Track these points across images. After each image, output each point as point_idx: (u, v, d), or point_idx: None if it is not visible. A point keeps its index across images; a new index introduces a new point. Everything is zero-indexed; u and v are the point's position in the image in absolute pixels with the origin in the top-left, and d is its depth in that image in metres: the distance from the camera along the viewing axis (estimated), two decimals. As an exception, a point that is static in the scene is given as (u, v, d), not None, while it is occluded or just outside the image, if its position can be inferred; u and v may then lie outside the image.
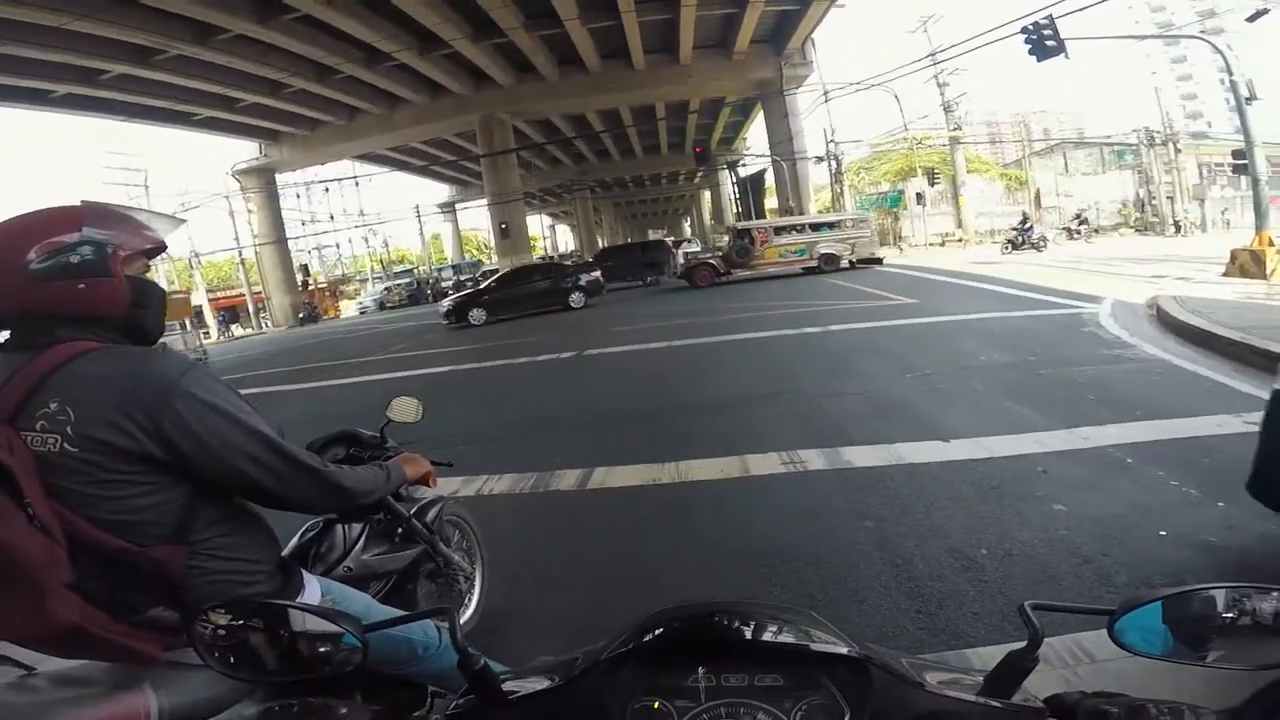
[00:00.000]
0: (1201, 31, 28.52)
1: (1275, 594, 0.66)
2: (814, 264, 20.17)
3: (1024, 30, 16.23)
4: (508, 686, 0.75)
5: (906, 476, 3.64)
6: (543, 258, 40.36)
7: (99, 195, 29.55)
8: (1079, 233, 24.13)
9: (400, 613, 1.26)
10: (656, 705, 0.67)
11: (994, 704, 0.67)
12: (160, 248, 1.21)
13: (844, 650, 0.68)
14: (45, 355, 1.04)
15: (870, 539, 2.97)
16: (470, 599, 2.34)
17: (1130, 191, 34.81)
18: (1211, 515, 2.86)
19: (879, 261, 20.67)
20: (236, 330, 35.56)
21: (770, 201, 37.72)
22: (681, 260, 22.97)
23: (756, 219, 39.12)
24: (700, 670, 0.68)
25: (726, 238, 23.34)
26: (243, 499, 1.19)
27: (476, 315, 17.51)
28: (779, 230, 21.46)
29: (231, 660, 0.81)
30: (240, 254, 36.91)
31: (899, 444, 4.13)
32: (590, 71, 26.43)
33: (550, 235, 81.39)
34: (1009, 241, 21.86)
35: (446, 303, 19.10)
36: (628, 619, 0.78)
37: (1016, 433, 4.10)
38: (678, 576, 2.85)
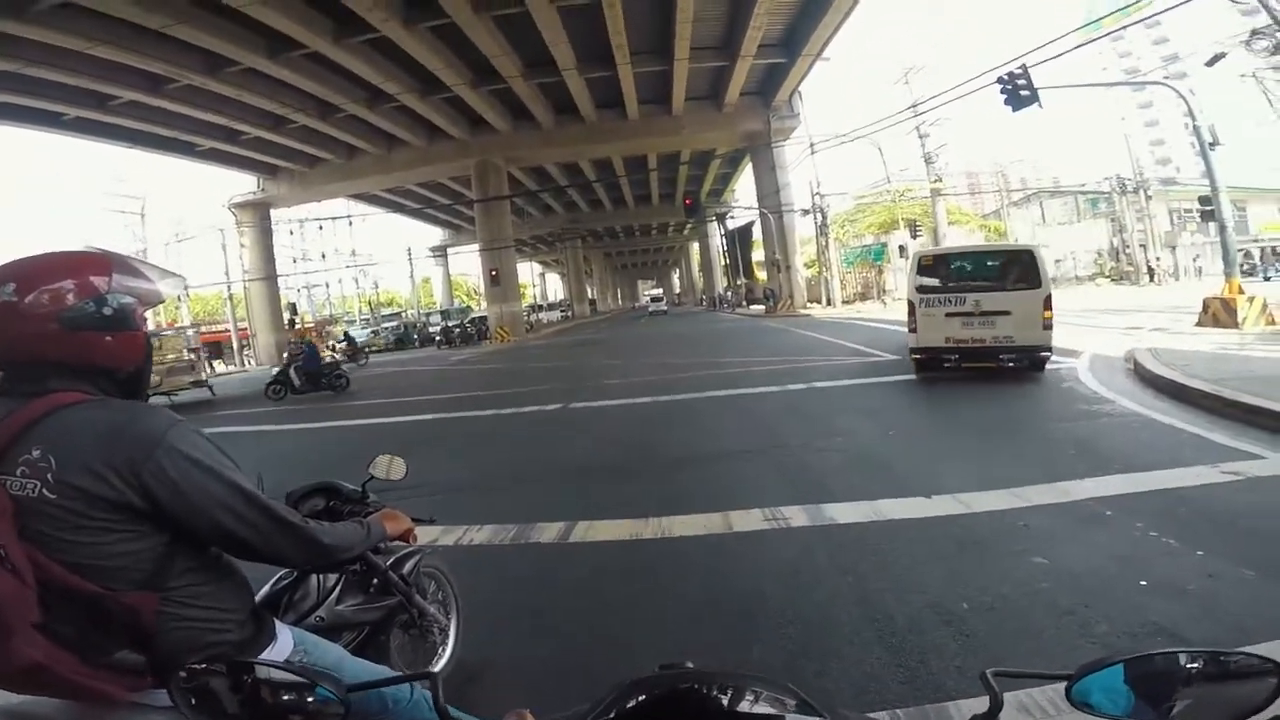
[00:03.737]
0: (1165, 77, 29.45)
1: (1235, 658, 0.69)
2: None
3: (999, 80, 16.71)
4: None
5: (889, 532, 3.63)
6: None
7: (97, 221, 29.69)
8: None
9: (385, 670, 1.30)
10: None
11: None
12: (159, 303, 1.24)
13: None
14: (34, 404, 1.05)
15: (851, 594, 2.94)
16: (444, 650, 2.33)
17: (1105, 240, 35.68)
18: (1190, 564, 2.86)
19: None
20: (219, 366, 34.24)
21: (758, 254, 38.46)
22: None
23: (744, 272, 39.91)
24: None
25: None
26: (221, 550, 1.19)
27: None
28: None
29: (211, 714, 0.83)
30: (229, 289, 36.72)
31: (880, 500, 4.11)
32: (585, 120, 27.25)
33: (540, 283, 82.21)
34: None
35: None
36: (607, 679, 0.79)
37: (997, 488, 4.07)
38: (654, 632, 2.79)
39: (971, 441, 5.37)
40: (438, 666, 2.25)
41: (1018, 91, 16.67)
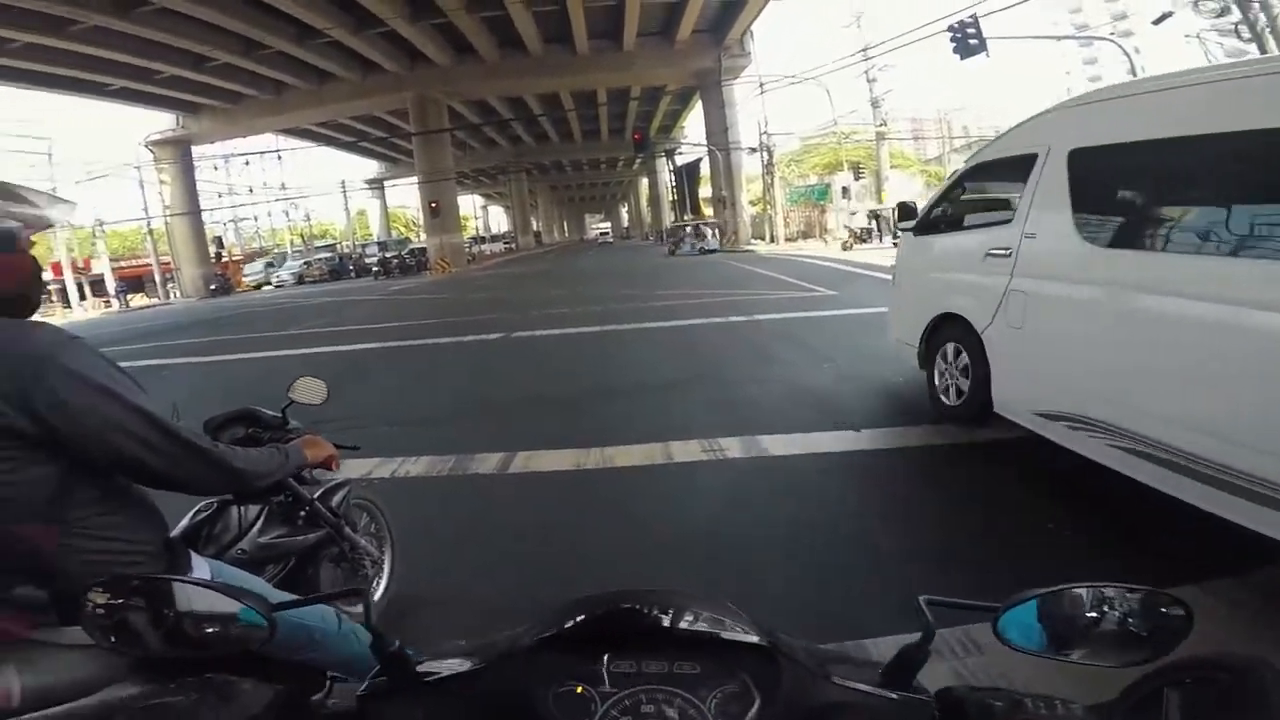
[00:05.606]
0: (1112, 33, 30.17)
1: (1140, 594, 0.71)
2: None
3: (950, 29, 17.02)
4: (422, 669, 0.75)
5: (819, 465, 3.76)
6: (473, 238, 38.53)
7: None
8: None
9: (295, 596, 1.19)
10: (579, 690, 0.68)
11: (890, 695, 0.70)
12: (45, 227, 1.24)
13: (756, 640, 0.70)
14: None
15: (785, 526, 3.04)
16: (378, 584, 2.28)
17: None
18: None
19: None
20: (139, 300, 34.02)
21: (705, 190, 38.52)
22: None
23: (691, 207, 40.04)
24: (621, 657, 0.70)
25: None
26: (126, 478, 1.13)
27: None
28: None
29: (125, 638, 0.78)
30: (149, 224, 35.24)
31: (814, 433, 4.24)
32: (531, 54, 26.34)
33: (483, 216, 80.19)
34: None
35: None
36: (547, 604, 0.80)
37: (926, 423, 4.25)
38: (599, 561, 2.82)
39: (904, 376, 5.27)
40: (373, 599, 2.36)
41: (967, 40, 16.96)
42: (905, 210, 4.94)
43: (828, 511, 3.15)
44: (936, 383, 4.25)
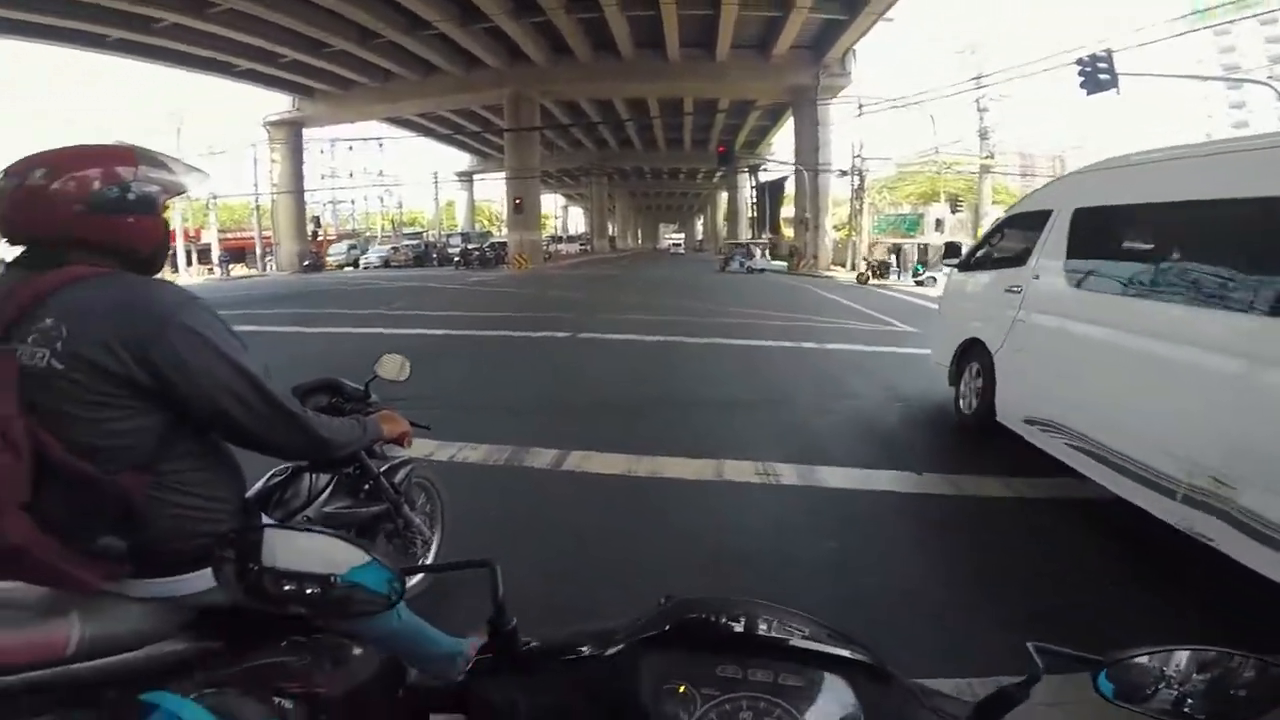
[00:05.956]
0: (1269, 77, 27.43)
1: (1242, 659, 0.68)
2: None
3: (1079, 62, 15.85)
4: (528, 650, 0.78)
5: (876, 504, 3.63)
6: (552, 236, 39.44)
7: (133, 135, 30.31)
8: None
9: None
10: (683, 689, 0.68)
11: None
12: (181, 193, 1.27)
13: (870, 660, 0.70)
14: (52, 274, 1.05)
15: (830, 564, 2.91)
16: (424, 562, 2.31)
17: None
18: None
19: None
20: (238, 271, 36.18)
21: (787, 210, 37.80)
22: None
23: (771, 227, 39.44)
24: (728, 662, 0.70)
25: None
26: (219, 436, 1.19)
27: None
28: None
29: (232, 588, 0.79)
30: (257, 200, 37.53)
31: (874, 470, 4.10)
32: (623, 58, 26.57)
33: (562, 215, 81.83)
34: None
35: None
36: (576, 611, 0.87)
37: (994, 474, 4.04)
38: (638, 568, 2.76)
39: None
40: (416, 578, 2.20)
41: (1096, 75, 15.70)
42: (951, 249, 6.09)
43: (876, 551, 3.07)
44: (960, 393, 5.04)
